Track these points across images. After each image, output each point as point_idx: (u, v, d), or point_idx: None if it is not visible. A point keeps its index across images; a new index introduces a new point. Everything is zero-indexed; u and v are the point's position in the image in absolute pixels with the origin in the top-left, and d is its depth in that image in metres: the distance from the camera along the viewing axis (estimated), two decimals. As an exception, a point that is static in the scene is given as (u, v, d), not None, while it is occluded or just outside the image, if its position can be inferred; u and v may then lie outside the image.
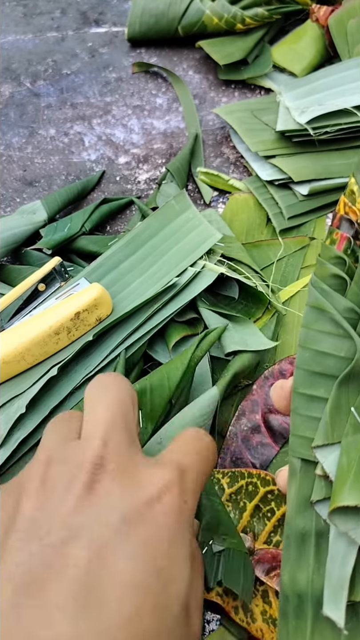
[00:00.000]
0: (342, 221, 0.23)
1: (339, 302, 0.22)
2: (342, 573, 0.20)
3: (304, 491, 0.22)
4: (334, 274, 0.23)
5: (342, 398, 0.22)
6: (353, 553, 0.20)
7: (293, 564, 0.22)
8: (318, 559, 0.21)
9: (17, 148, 0.56)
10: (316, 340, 0.23)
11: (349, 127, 0.47)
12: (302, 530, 0.22)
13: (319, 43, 0.58)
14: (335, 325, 0.22)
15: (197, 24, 0.60)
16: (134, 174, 0.53)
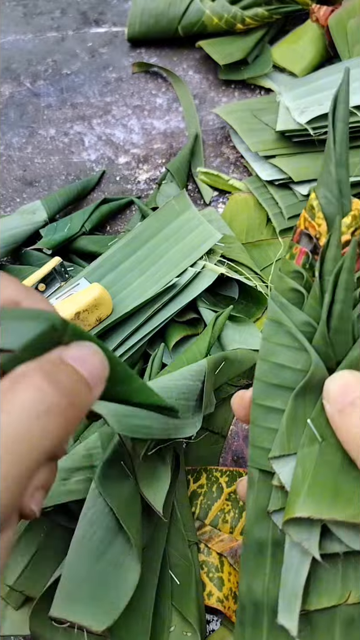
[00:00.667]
0: (301, 236, 0.23)
1: (297, 316, 0.23)
2: (296, 583, 0.21)
3: (261, 501, 0.22)
4: (293, 288, 0.23)
5: (298, 410, 0.22)
6: (306, 563, 0.21)
7: (250, 573, 0.22)
8: (274, 568, 0.22)
9: (17, 148, 0.56)
10: (274, 352, 0.23)
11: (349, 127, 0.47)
12: (259, 540, 0.22)
13: (319, 43, 0.58)
14: (292, 339, 0.22)
15: (197, 24, 0.60)
16: (134, 174, 0.53)
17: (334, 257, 0.22)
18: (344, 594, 0.21)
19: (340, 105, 0.22)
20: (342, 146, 0.22)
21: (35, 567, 0.30)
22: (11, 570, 0.30)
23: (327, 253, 0.22)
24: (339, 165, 0.22)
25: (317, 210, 0.22)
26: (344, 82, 0.22)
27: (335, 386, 0.21)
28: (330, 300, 0.22)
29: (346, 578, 0.21)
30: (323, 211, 0.22)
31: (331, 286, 0.22)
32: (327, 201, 0.22)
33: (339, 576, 0.21)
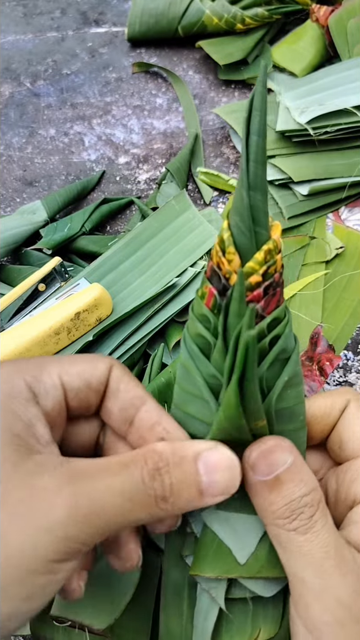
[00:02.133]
0: (212, 272, 0.20)
1: (204, 366, 0.21)
2: (205, 626, 0.21)
3: (177, 544, 0.22)
4: (200, 333, 0.21)
5: None
6: (215, 608, 0.21)
7: (169, 613, 0.23)
8: (191, 608, 0.22)
9: (17, 148, 0.56)
10: (185, 401, 0.22)
11: (349, 127, 0.47)
12: (175, 582, 0.23)
13: (319, 43, 0.58)
14: (200, 389, 0.21)
15: (197, 24, 0.60)
16: (134, 174, 0.53)
17: (237, 313, 0.19)
18: (254, 632, 0.21)
19: (255, 113, 0.18)
20: (258, 165, 0.18)
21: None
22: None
23: (230, 307, 0.19)
24: (253, 188, 0.18)
25: (227, 244, 0.19)
26: (260, 83, 0.17)
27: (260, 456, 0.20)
28: (232, 362, 0.19)
29: (255, 617, 0.22)
30: (235, 244, 0.19)
31: (232, 347, 0.19)
32: (239, 231, 0.19)
33: (248, 617, 0.22)
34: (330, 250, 0.45)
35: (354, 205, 0.49)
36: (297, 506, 0.19)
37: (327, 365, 0.39)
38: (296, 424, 0.21)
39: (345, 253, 0.45)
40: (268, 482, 0.20)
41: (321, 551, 0.18)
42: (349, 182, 0.47)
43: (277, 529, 0.20)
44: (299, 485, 0.19)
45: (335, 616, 0.18)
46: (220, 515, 0.21)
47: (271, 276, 0.19)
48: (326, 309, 0.42)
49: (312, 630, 0.19)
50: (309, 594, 0.19)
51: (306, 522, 0.19)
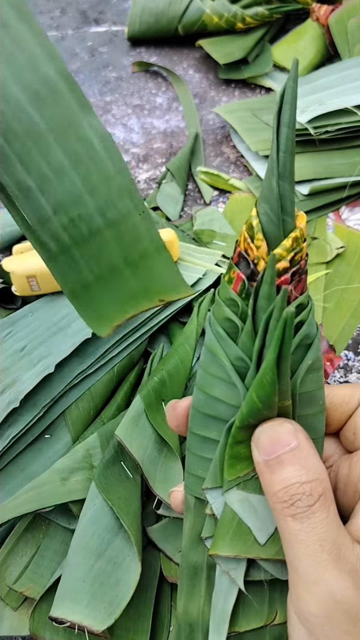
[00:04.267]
0: (240, 258, 0.21)
1: (231, 350, 0.21)
2: (224, 607, 0.22)
3: (197, 527, 0.23)
4: (228, 317, 0.21)
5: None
6: (234, 590, 0.21)
7: (186, 595, 0.23)
8: (209, 590, 0.22)
9: (16, 147, 0.56)
10: (210, 384, 0.22)
11: (350, 126, 0.47)
12: (194, 564, 0.23)
13: (320, 42, 0.58)
14: (227, 373, 0.21)
15: (197, 23, 0.60)
16: (134, 174, 0.53)
17: (267, 296, 0.20)
18: (270, 615, 0.22)
19: (286, 107, 0.19)
20: (288, 156, 0.19)
21: (35, 568, 0.30)
22: (11, 571, 0.30)
23: (261, 290, 0.20)
24: (282, 177, 0.19)
25: (256, 231, 0.20)
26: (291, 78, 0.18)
27: (265, 436, 0.20)
28: (261, 345, 0.20)
29: (272, 601, 0.22)
30: (263, 231, 0.20)
31: (262, 330, 0.20)
32: (267, 219, 0.20)
33: (265, 600, 0.22)
34: (331, 250, 0.45)
35: (354, 205, 0.49)
36: (295, 491, 0.19)
37: (327, 366, 0.39)
38: (316, 409, 0.22)
39: (345, 253, 0.45)
40: (270, 463, 0.20)
41: (317, 544, 0.18)
42: (350, 182, 0.47)
43: (277, 513, 0.20)
44: (301, 471, 0.19)
45: (325, 610, 0.18)
46: (240, 495, 0.21)
47: (297, 263, 0.20)
48: (326, 309, 0.42)
49: (302, 620, 0.19)
50: (300, 584, 0.19)
51: (304, 510, 0.19)
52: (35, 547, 0.31)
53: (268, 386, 0.19)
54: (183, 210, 0.50)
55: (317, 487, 0.19)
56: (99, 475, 0.30)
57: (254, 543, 0.21)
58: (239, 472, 0.21)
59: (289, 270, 0.20)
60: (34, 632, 0.29)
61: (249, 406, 0.20)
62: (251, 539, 0.21)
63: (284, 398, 0.20)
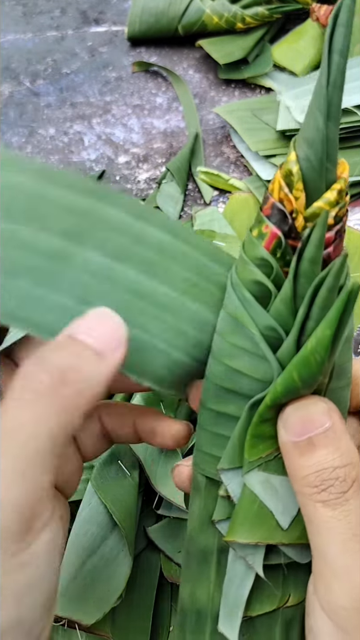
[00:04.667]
0: (273, 210, 0.18)
1: (261, 317, 0.18)
2: (238, 594, 0.20)
3: (208, 509, 0.21)
4: (258, 280, 0.18)
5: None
6: (250, 577, 0.20)
7: (194, 580, 0.21)
8: (219, 575, 0.21)
9: (16, 147, 0.56)
10: (231, 355, 0.19)
11: (350, 126, 0.47)
12: (204, 548, 0.21)
13: (320, 42, 0.58)
14: (253, 344, 0.19)
15: (197, 23, 0.60)
16: (133, 174, 0.53)
17: (313, 259, 0.17)
18: (283, 598, 0.20)
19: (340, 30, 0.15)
20: (337, 91, 0.16)
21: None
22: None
23: (306, 252, 0.17)
24: (330, 117, 0.16)
25: (296, 179, 0.17)
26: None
27: (295, 416, 0.18)
28: (305, 315, 0.17)
29: (286, 584, 0.20)
30: (303, 179, 0.17)
31: (308, 299, 0.17)
32: (309, 165, 0.17)
33: (279, 583, 0.20)
34: (330, 250, 0.45)
35: (354, 205, 0.49)
36: (328, 476, 0.17)
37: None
38: (344, 382, 0.20)
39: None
40: (300, 445, 0.18)
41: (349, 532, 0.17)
42: (350, 182, 0.47)
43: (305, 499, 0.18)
44: (334, 454, 0.18)
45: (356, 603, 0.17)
46: (262, 477, 0.19)
47: (340, 220, 0.18)
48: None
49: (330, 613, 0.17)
50: (329, 574, 0.17)
51: (337, 496, 0.17)
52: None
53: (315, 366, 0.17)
54: (183, 210, 0.50)
55: (350, 472, 0.18)
56: (95, 475, 0.30)
57: (276, 528, 0.19)
58: (262, 453, 0.19)
59: (333, 228, 0.17)
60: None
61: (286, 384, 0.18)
62: (273, 524, 0.19)
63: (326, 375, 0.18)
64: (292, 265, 0.18)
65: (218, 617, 0.20)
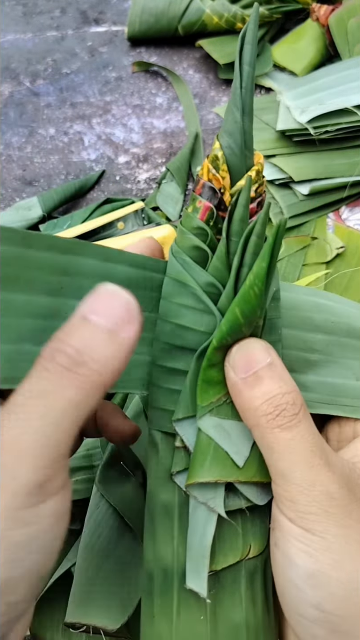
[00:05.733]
0: (204, 188, 0.22)
1: (200, 276, 0.21)
2: (202, 543, 0.21)
3: (165, 464, 0.22)
4: (196, 245, 0.21)
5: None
6: (212, 522, 0.21)
7: (157, 538, 0.22)
8: (182, 531, 0.22)
9: (16, 147, 0.56)
10: (177, 314, 0.22)
11: (350, 126, 0.47)
12: (164, 503, 0.22)
13: (320, 42, 0.58)
14: (196, 300, 0.21)
15: (197, 23, 0.60)
16: (133, 174, 0.53)
17: (242, 218, 0.21)
18: (245, 549, 0.21)
19: (247, 47, 0.20)
20: (248, 92, 0.21)
21: (35, 568, 0.30)
22: (11, 571, 0.30)
23: (235, 213, 0.21)
24: (245, 113, 0.21)
25: (221, 162, 0.21)
26: (252, 21, 0.20)
27: (240, 354, 0.20)
28: (239, 264, 0.20)
29: (246, 533, 0.22)
30: (227, 163, 0.21)
31: (240, 249, 0.20)
32: (231, 152, 0.21)
33: (240, 532, 0.22)
34: (331, 250, 0.45)
35: (354, 205, 0.49)
36: (279, 402, 0.19)
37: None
38: (274, 337, 0.22)
39: (345, 253, 0.45)
40: (248, 380, 0.20)
41: (308, 449, 0.19)
42: (350, 182, 0.47)
43: (262, 430, 0.20)
44: (279, 383, 0.20)
45: (323, 508, 0.18)
46: (214, 421, 0.21)
47: (259, 195, 0.22)
48: (327, 308, 0.42)
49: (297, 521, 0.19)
50: (296, 490, 0.19)
51: (291, 419, 0.19)
52: (35, 547, 0.31)
53: (255, 298, 0.19)
54: (183, 210, 0.50)
55: (297, 397, 0.20)
56: (99, 478, 0.30)
57: (232, 466, 0.21)
58: (212, 398, 0.21)
59: (254, 200, 0.21)
60: (34, 632, 0.29)
61: (230, 323, 0.20)
62: (229, 463, 0.21)
63: (261, 316, 0.20)
64: (224, 226, 0.21)
65: (185, 575, 0.21)
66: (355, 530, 0.18)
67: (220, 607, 0.21)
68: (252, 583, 0.22)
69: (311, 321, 0.24)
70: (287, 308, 0.24)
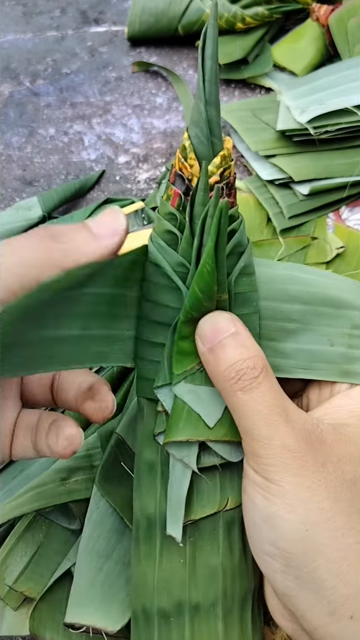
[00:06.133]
0: (176, 177, 0.23)
1: (172, 257, 0.23)
2: (179, 495, 0.23)
3: (149, 426, 0.25)
4: (168, 229, 0.23)
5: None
6: (187, 477, 0.23)
7: (143, 492, 0.25)
8: (164, 485, 0.24)
9: (16, 147, 0.56)
10: (155, 292, 0.24)
11: (350, 126, 0.47)
12: (149, 462, 0.25)
13: (320, 42, 0.58)
14: (168, 279, 0.23)
15: (197, 23, 0.60)
16: (133, 174, 0.53)
17: (202, 202, 0.22)
18: (222, 501, 0.24)
19: (208, 42, 0.22)
20: (212, 84, 0.22)
21: (35, 567, 0.30)
22: (10, 571, 0.30)
23: (196, 197, 0.23)
24: (209, 103, 0.22)
25: (189, 151, 0.23)
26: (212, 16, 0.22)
27: (207, 326, 0.22)
28: (199, 244, 0.22)
29: (223, 487, 0.24)
30: (195, 151, 0.23)
31: (199, 230, 0.22)
32: (198, 141, 0.23)
33: (217, 487, 0.24)
34: (331, 250, 0.45)
35: (354, 205, 0.49)
36: (240, 367, 0.21)
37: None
38: (250, 309, 0.24)
39: (346, 253, 0.45)
40: (214, 349, 0.22)
41: (267, 409, 0.21)
42: (350, 182, 0.47)
43: (226, 393, 0.22)
44: (241, 349, 0.22)
45: (280, 459, 0.21)
46: (188, 388, 0.23)
47: (227, 178, 0.23)
48: (327, 308, 0.42)
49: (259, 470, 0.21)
50: (257, 445, 0.21)
51: (250, 381, 0.21)
52: (35, 547, 0.31)
53: (207, 275, 0.21)
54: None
55: (258, 362, 0.22)
56: (99, 478, 0.30)
57: (204, 427, 0.23)
58: (186, 367, 0.23)
59: (220, 183, 0.23)
60: (34, 632, 0.29)
61: (192, 299, 0.22)
62: (201, 425, 0.23)
63: (222, 291, 0.22)
64: (187, 210, 0.23)
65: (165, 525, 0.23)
66: (310, 479, 0.21)
67: (199, 552, 0.24)
68: (229, 532, 0.24)
69: (288, 292, 0.25)
70: (264, 282, 0.25)
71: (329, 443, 0.22)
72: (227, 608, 0.23)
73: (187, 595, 0.23)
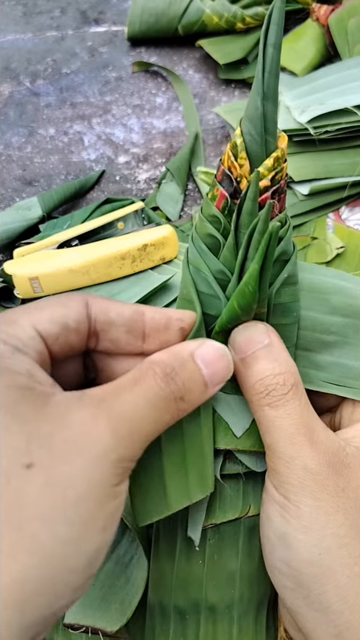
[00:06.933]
0: (223, 176, 0.22)
1: (213, 263, 0.22)
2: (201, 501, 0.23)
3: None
4: (211, 233, 0.22)
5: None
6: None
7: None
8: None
9: (16, 147, 0.56)
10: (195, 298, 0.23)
11: (350, 126, 0.47)
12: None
13: (320, 42, 0.58)
14: (209, 285, 0.23)
15: (197, 23, 0.60)
16: (133, 174, 0.53)
17: (250, 212, 0.21)
18: (244, 508, 0.24)
19: (272, 27, 0.19)
20: (272, 76, 0.20)
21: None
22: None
23: (244, 206, 0.21)
24: (266, 98, 0.20)
25: (240, 150, 0.21)
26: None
27: (240, 337, 0.22)
28: (243, 258, 0.21)
29: (246, 495, 0.24)
30: (247, 150, 0.21)
31: (244, 243, 0.21)
32: (251, 138, 0.21)
33: (240, 493, 0.24)
34: (331, 250, 0.45)
35: (354, 205, 0.49)
36: (269, 382, 0.21)
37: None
38: (289, 319, 0.24)
39: (346, 253, 0.45)
40: (246, 360, 0.22)
41: (292, 427, 0.21)
42: (350, 182, 0.47)
43: (253, 406, 0.22)
44: (273, 364, 0.21)
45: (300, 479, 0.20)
46: (218, 396, 0.23)
47: (278, 182, 0.21)
48: (327, 308, 0.42)
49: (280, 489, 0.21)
50: (279, 463, 0.21)
51: (279, 398, 0.21)
52: (35, 547, 0.31)
53: (249, 295, 0.20)
54: (183, 210, 0.50)
55: (289, 378, 0.21)
56: None
57: (232, 436, 0.23)
58: None
59: (270, 189, 0.21)
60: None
61: (229, 313, 0.22)
62: (229, 433, 0.23)
63: (262, 306, 0.22)
64: (234, 218, 0.21)
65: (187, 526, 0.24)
66: (328, 504, 0.20)
67: (218, 556, 0.24)
68: (250, 539, 0.24)
69: (329, 303, 0.25)
70: (306, 290, 0.24)
71: (352, 468, 0.21)
72: (243, 612, 0.23)
73: (203, 595, 0.24)
